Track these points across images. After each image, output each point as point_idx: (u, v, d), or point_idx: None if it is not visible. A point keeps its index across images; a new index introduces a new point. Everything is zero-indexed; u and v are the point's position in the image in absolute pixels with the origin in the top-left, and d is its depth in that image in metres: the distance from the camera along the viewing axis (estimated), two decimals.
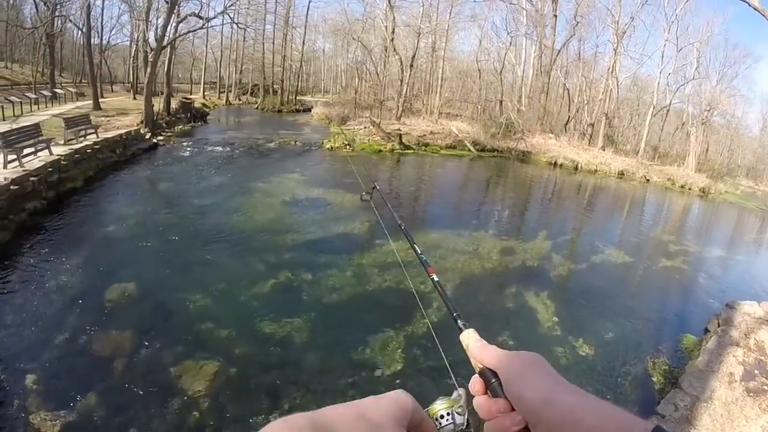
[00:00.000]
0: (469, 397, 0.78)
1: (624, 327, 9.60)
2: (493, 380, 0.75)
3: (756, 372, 7.22)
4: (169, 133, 26.50)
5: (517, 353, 0.76)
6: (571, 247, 15.16)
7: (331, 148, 27.46)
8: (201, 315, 8.01)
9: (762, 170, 55.26)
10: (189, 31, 33.75)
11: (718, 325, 9.16)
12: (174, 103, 32.52)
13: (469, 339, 0.88)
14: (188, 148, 23.06)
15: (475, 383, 0.77)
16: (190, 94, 46.20)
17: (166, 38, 27.58)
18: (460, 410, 0.76)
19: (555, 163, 33.08)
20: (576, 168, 32.56)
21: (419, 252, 1.52)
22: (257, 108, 50.84)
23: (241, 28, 43.84)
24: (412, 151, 30.62)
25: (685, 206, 28.33)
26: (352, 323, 8.42)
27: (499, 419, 0.71)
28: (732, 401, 6.44)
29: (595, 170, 32.35)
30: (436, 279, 1.28)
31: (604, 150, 37.42)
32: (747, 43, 74.23)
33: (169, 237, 11.50)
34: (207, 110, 38.83)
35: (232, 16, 35.73)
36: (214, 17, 32.79)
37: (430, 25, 41.82)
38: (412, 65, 39.58)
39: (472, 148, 33.27)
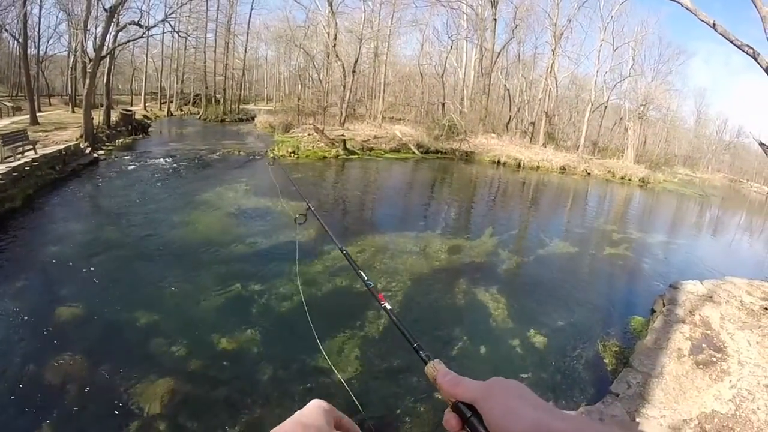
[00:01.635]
0: None
1: (573, 314, 9.67)
2: (470, 414, 0.67)
3: (704, 345, 7.30)
4: (110, 147, 25.46)
5: (494, 382, 0.68)
6: (518, 242, 15.21)
7: (275, 156, 26.97)
8: (152, 333, 7.64)
9: (698, 159, 57.97)
10: (129, 40, 32.63)
11: (664, 305, 9.29)
12: (114, 116, 31.23)
13: (436, 372, 0.79)
14: (130, 162, 22.09)
15: (450, 419, 0.69)
16: (131, 105, 44.61)
17: (106, 48, 26.45)
18: None
19: (498, 162, 33.59)
20: (519, 165, 33.21)
21: (366, 279, 1.37)
22: (200, 118, 49.56)
23: (182, 37, 42.72)
24: (356, 156, 30.42)
25: (626, 196, 29.19)
26: (305, 330, 8.12)
27: None
28: (683, 374, 6.47)
29: (538, 167, 33.08)
30: (388, 307, 1.14)
31: (545, 147, 38.36)
32: (680, 41, 77.93)
33: (114, 255, 10.89)
34: (148, 122, 37.51)
35: (172, 25, 34.78)
36: (155, 26, 31.80)
37: (372, 31, 41.97)
38: (354, 71, 39.50)
39: (416, 151, 33.39)
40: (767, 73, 10.06)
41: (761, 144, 12.75)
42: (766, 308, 9.14)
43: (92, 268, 10.04)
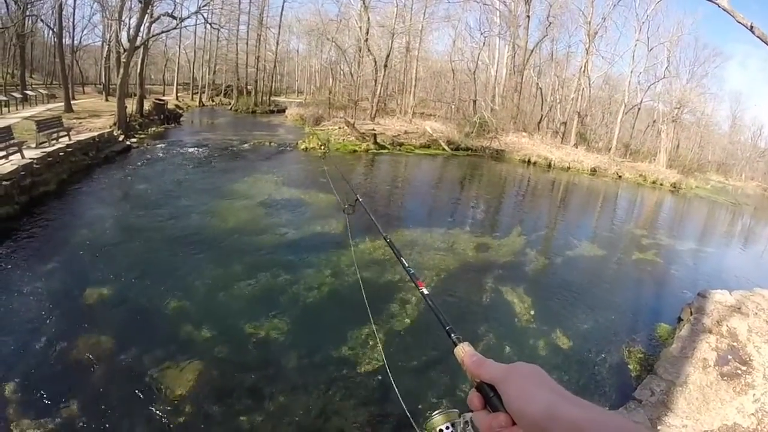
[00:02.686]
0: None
1: (599, 318, 9.68)
2: (492, 395, 0.73)
3: (729, 357, 7.31)
4: (143, 135, 25.96)
5: (514, 366, 0.74)
6: (546, 243, 15.22)
7: (306, 149, 27.30)
8: (180, 317, 7.85)
9: (732, 165, 56.53)
10: (162, 32, 33.21)
11: (691, 314, 9.26)
12: (147, 105, 31.88)
13: (464, 353, 0.87)
14: (162, 150, 22.59)
15: (473, 398, 0.76)
16: (163, 95, 45.26)
17: (139, 38, 27.05)
18: (463, 424, 0.76)
19: (528, 161, 33.29)
20: (549, 165, 32.90)
21: (407, 265, 1.55)
22: (231, 109, 50.19)
23: (214, 29, 43.37)
24: (386, 150, 30.57)
25: (656, 201, 28.73)
26: (331, 321, 8.34)
27: None
28: (707, 385, 6.51)
29: (568, 167, 32.69)
30: (426, 292, 1.27)
31: (576, 147, 37.84)
32: (717, 43, 75.85)
33: (145, 240, 11.19)
34: (180, 111, 38.20)
35: (205, 17, 35.33)
36: (188, 17, 32.27)
37: (404, 26, 41.88)
38: (386, 65, 39.57)
39: (446, 148, 33.33)
40: None
41: None
42: None
43: (122, 253, 10.32)
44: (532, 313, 9.46)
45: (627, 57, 45.22)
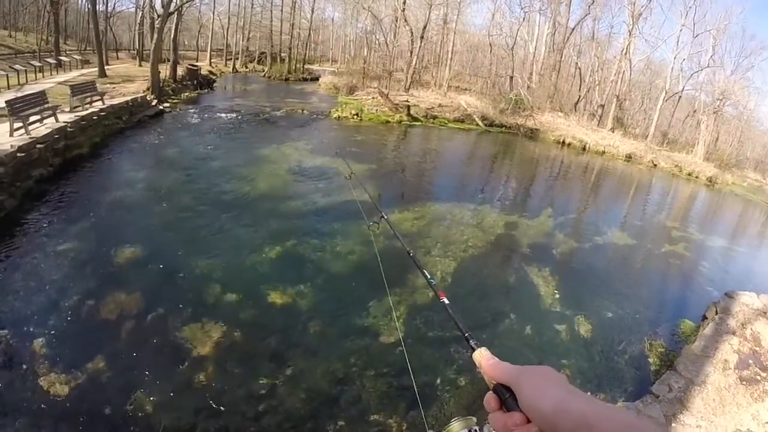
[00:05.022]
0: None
1: (623, 308, 9.68)
2: (507, 395, 0.77)
3: (750, 362, 7.24)
4: (176, 100, 26.34)
5: (528, 367, 0.78)
6: (575, 227, 15.13)
7: (339, 117, 27.40)
8: (207, 280, 8.11)
9: None
10: None
11: (716, 313, 9.15)
12: (180, 70, 32.13)
13: (482, 358, 0.90)
14: (195, 115, 22.96)
15: (490, 400, 0.80)
16: (197, 61, 45.49)
17: (173, 4, 27.20)
18: (477, 428, 0.81)
19: (563, 142, 32.70)
20: (584, 148, 32.23)
21: (428, 277, 1.55)
22: (264, 76, 50.29)
23: None
24: (419, 123, 30.50)
25: (690, 194, 28.04)
26: (356, 290, 8.52)
27: None
28: (725, 387, 6.49)
29: (603, 152, 31.98)
30: (447, 302, 1.31)
31: (613, 132, 36.92)
32: (765, 35, 72.39)
33: (175, 203, 11.52)
34: (213, 77, 38.47)
35: None
36: None
37: None
38: (422, 37, 38.98)
39: (480, 123, 32.99)
40: None
41: None
42: None
43: (153, 214, 10.70)
44: (557, 296, 9.54)
45: (671, 42, 43.43)
